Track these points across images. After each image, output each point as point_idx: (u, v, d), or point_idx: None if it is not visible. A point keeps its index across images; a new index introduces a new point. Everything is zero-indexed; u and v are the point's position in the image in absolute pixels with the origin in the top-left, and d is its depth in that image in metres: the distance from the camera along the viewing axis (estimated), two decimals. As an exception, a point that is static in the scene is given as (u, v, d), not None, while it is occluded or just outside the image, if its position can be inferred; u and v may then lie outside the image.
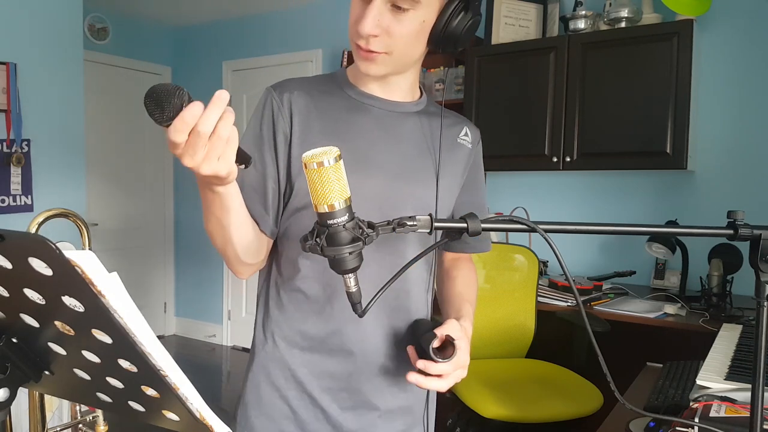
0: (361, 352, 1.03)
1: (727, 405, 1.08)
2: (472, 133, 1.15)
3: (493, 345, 2.60)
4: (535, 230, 0.73)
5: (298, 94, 1.01)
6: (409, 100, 1.08)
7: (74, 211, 2.07)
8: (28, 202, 2.97)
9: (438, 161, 1.07)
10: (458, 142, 1.12)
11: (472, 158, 1.15)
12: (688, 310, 2.40)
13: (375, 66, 0.96)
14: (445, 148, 1.09)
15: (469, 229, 0.76)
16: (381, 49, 0.94)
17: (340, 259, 0.75)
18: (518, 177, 3.28)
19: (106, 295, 0.48)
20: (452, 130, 1.12)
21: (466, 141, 1.13)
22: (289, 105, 1.00)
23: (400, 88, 1.06)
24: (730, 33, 2.73)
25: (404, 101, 1.07)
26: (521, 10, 3.02)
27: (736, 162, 2.74)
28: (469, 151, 1.14)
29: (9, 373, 0.61)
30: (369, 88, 1.05)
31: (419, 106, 1.10)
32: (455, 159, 1.11)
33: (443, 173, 1.07)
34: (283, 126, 1.00)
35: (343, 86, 1.06)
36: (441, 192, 1.06)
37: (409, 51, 0.97)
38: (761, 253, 0.72)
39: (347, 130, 1.02)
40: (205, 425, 0.59)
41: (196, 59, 4.89)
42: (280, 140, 0.99)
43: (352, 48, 0.97)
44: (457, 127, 1.13)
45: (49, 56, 3.03)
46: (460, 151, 1.12)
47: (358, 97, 1.05)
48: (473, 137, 1.15)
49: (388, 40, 0.93)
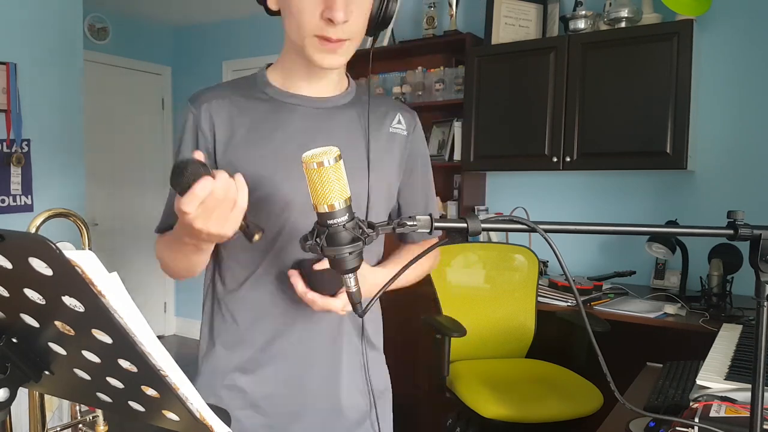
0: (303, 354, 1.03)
1: (727, 405, 1.08)
2: (406, 120, 1.10)
3: (493, 345, 2.60)
4: (535, 230, 0.73)
5: (217, 103, 1.00)
6: (336, 93, 1.05)
7: (74, 211, 2.07)
8: (28, 202, 2.97)
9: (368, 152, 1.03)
10: (391, 131, 1.08)
11: (408, 147, 1.10)
12: (688, 310, 2.40)
13: (339, 57, 0.95)
14: (376, 139, 1.05)
15: (469, 228, 0.76)
16: (348, 35, 0.93)
17: (341, 259, 0.76)
18: (518, 177, 3.28)
19: (106, 295, 0.48)
20: (384, 120, 1.08)
21: (400, 129, 1.09)
22: (209, 116, 0.99)
23: (329, 80, 1.03)
24: (730, 33, 2.73)
25: (331, 95, 1.04)
26: (521, 10, 3.02)
27: (736, 162, 2.74)
28: (404, 140, 1.09)
29: (9, 373, 0.61)
30: (294, 86, 1.02)
31: (347, 97, 1.06)
32: (388, 149, 1.07)
33: (376, 166, 1.03)
34: (204, 143, 0.99)
35: (264, 88, 1.03)
36: (374, 185, 1.03)
37: (362, 36, 0.97)
38: (761, 253, 0.72)
39: (272, 132, 0.99)
40: (205, 425, 0.59)
41: (196, 59, 4.89)
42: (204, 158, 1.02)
43: (309, 44, 0.93)
44: (390, 115, 1.09)
45: (49, 56, 3.03)
46: (393, 140, 1.08)
47: (281, 97, 1.02)
48: (408, 124, 1.10)
49: (352, 26, 0.92)
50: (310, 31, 0.92)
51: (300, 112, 1.01)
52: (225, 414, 0.94)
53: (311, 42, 0.93)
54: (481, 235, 2.88)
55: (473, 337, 2.51)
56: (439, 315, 2.48)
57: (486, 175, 3.37)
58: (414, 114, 1.14)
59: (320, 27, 0.91)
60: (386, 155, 1.06)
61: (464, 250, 2.71)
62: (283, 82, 1.03)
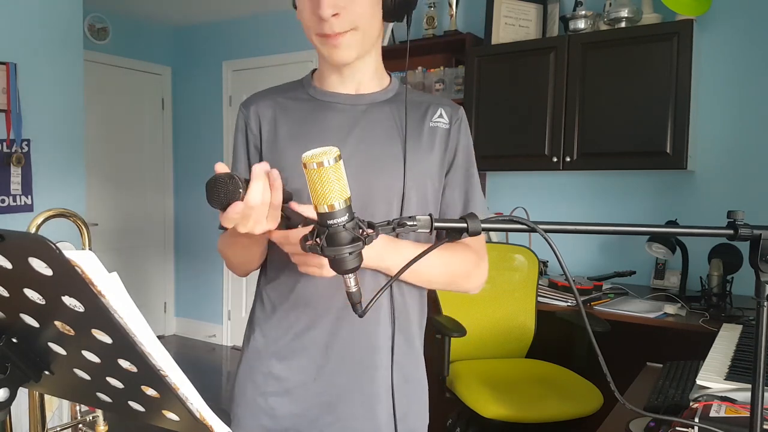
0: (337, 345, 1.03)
1: (727, 405, 1.08)
2: (448, 113, 1.09)
3: (493, 345, 2.60)
4: (535, 230, 0.73)
5: (264, 105, 1.07)
6: (376, 90, 1.06)
7: (74, 211, 2.07)
8: (28, 202, 2.97)
9: (404, 147, 1.02)
10: (431, 125, 1.07)
11: (451, 139, 1.08)
12: (688, 310, 2.40)
13: (344, 50, 0.96)
14: (416, 134, 1.04)
15: (469, 229, 0.76)
16: (347, 27, 0.94)
17: (340, 260, 0.75)
18: (518, 177, 3.28)
19: (106, 295, 0.48)
20: (425, 114, 1.07)
21: (441, 122, 1.07)
22: (257, 117, 1.06)
23: (364, 76, 1.05)
24: (730, 33, 2.73)
25: (370, 92, 1.06)
26: (521, 10, 3.02)
27: (736, 162, 2.74)
28: (445, 132, 1.07)
29: (9, 373, 0.61)
30: (332, 85, 1.06)
31: (388, 93, 1.07)
32: (428, 143, 1.05)
33: (414, 160, 1.02)
34: (253, 140, 1.07)
35: (308, 89, 1.08)
36: (412, 181, 1.01)
37: (371, 22, 0.97)
38: (761, 253, 0.72)
39: (313, 130, 1.03)
40: (205, 425, 0.59)
41: (196, 59, 4.88)
42: (253, 154, 1.07)
43: (316, 42, 0.97)
44: (432, 109, 1.08)
45: (49, 56, 3.03)
46: (434, 133, 1.06)
47: (320, 96, 1.06)
48: (449, 117, 1.08)
49: (350, 15, 0.93)
50: (312, 30, 0.96)
51: (337, 109, 1.04)
52: (225, 414, 0.94)
53: (317, 40, 0.97)
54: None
55: (473, 337, 2.51)
56: (439, 315, 2.48)
57: (486, 175, 3.37)
58: (458, 107, 1.11)
59: (316, 25, 0.93)
60: (426, 150, 1.05)
61: (464, 250, 2.70)
62: (321, 83, 1.07)
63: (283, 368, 1.05)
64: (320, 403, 1.04)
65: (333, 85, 1.05)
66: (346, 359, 1.04)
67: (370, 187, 1.00)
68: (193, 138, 4.95)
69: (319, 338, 1.03)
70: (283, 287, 1.05)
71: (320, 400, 1.04)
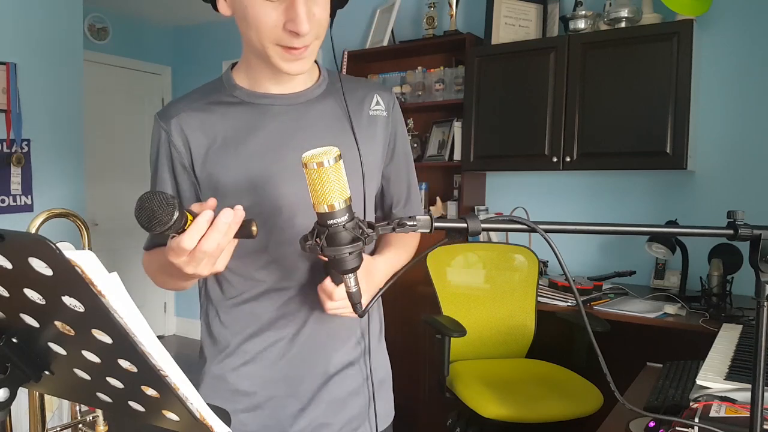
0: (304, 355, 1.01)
1: (727, 405, 1.08)
2: (384, 100, 1.05)
3: (493, 345, 2.60)
4: (535, 230, 0.73)
5: (187, 115, 0.96)
6: (309, 86, 1.01)
7: (74, 211, 2.07)
8: (28, 202, 2.97)
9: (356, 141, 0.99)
10: (371, 114, 1.03)
11: (390, 127, 1.06)
12: (688, 310, 2.40)
13: (306, 61, 0.91)
14: (360, 125, 1.01)
15: (469, 229, 0.76)
16: (313, 38, 0.90)
17: (340, 260, 0.76)
18: (518, 177, 3.28)
19: (106, 295, 0.48)
20: (363, 103, 1.03)
21: (379, 110, 1.04)
22: (180, 131, 0.95)
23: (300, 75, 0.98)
24: (730, 33, 2.73)
25: (302, 89, 1.00)
26: (521, 10, 3.02)
27: (736, 162, 2.74)
28: (384, 120, 1.05)
29: (9, 373, 0.61)
30: (264, 86, 0.98)
31: (320, 88, 1.02)
32: (372, 134, 1.03)
33: (365, 152, 0.99)
34: (179, 158, 0.97)
35: (233, 91, 0.99)
36: (369, 174, 1.00)
37: (326, 28, 0.93)
38: (761, 253, 0.72)
39: (249, 136, 0.95)
40: (205, 425, 0.59)
41: (196, 59, 4.88)
42: (180, 173, 0.98)
43: (272, 53, 0.89)
44: (368, 98, 1.04)
45: (49, 56, 3.03)
46: (375, 123, 1.04)
47: (251, 99, 0.98)
48: (386, 103, 1.06)
49: (315, 26, 0.88)
50: (272, 41, 0.88)
51: (274, 111, 0.98)
52: (225, 414, 0.94)
53: (275, 50, 0.89)
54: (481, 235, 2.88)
55: (473, 337, 2.51)
56: (439, 315, 2.48)
57: (486, 175, 3.36)
58: (391, 92, 1.09)
59: (283, 38, 0.87)
60: (370, 139, 1.02)
61: (464, 250, 2.71)
62: (250, 83, 0.99)
63: (250, 384, 1.01)
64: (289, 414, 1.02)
65: (265, 86, 0.98)
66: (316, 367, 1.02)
67: None
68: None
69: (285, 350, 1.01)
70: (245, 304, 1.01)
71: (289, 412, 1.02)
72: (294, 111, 0.99)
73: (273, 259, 0.98)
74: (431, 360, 2.89)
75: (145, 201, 0.70)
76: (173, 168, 0.98)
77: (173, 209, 0.70)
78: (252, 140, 0.96)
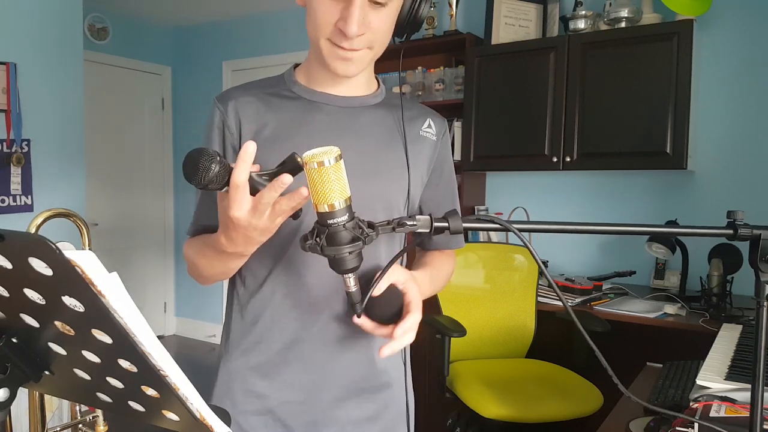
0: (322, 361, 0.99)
1: (727, 405, 1.08)
2: (436, 125, 1.09)
3: (493, 345, 2.60)
4: (508, 229, 0.74)
5: (245, 101, 0.99)
6: (365, 93, 1.04)
7: (74, 211, 2.07)
8: (28, 202, 2.97)
9: (406, 155, 1.02)
10: (421, 134, 1.06)
11: (437, 152, 1.09)
12: (688, 310, 2.40)
13: (354, 65, 0.93)
14: (411, 140, 1.04)
15: (450, 227, 0.76)
16: (363, 46, 0.92)
17: (340, 259, 0.76)
18: (518, 177, 3.28)
19: (106, 295, 0.48)
20: (415, 122, 1.07)
21: (429, 133, 1.08)
22: (236, 114, 0.98)
23: (357, 82, 1.02)
24: (730, 33, 2.73)
25: (359, 95, 1.03)
26: (521, 10, 3.02)
27: (736, 162, 2.74)
28: (433, 144, 1.08)
29: (9, 373, 0.61)
30: (321, 85, 1.01)
31: (377, 98, 1.05)
32: (419, 152, 1.05)
33: (413, 165, 1.03)
34: (231, 139, 0.98)
35: (292, 86, 1.02)
36: (414, 186, 1.03)
37: (385, 44, 0.96)
38: (761, 253, 0.72)
39: (298, 130, 0.97)
40: (205, 425, 0.59)
41: (196, 59, 4.88)
42: (230, 155, 0.98)
43: (323, 47, 0.92)
44: (420, 119, 1.07)
45: (49, 56, 3.03)
46: (423, 144, 1.06)
47: (307, 95, 1.01)
48: (438, 129, 1.09)
49: (370, 36, 0.91)
50: (324, 35, 0.91)
51: (327, 110, 1.00)
52: (225, 414, 0.94)
53: (326, 45, 0.92)
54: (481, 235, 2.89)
55: (473, 337, 2.51)
56: (439, 315, 2.48)
57: (486, 175, 3.36)
58: (444, 120, 1.12)
59: (334, 34, 0.90)
60: (416, 155, 1.04)
61: (464, 250, 2.70)
62: (308, 81, 1.02)
63: (265, 386, 1.00)
64: (305, 423, 1.00)
65: (322, 85, 1.01)
66: (333, 376, 1.00)
67: (369, 193, 0.97)
68: (193, 138, 4.94)
69: (303, 354, 0.99)
70: (266, 299, 1.00)
71: (305, 420, 1.00)
72: (346, 113, 1.01)
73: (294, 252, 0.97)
74: (431, 360, 2.89)
75: (191, 152, 0.72)
76: (224, 148, 1.00)
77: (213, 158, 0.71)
78: (300, 134, 0.97)
